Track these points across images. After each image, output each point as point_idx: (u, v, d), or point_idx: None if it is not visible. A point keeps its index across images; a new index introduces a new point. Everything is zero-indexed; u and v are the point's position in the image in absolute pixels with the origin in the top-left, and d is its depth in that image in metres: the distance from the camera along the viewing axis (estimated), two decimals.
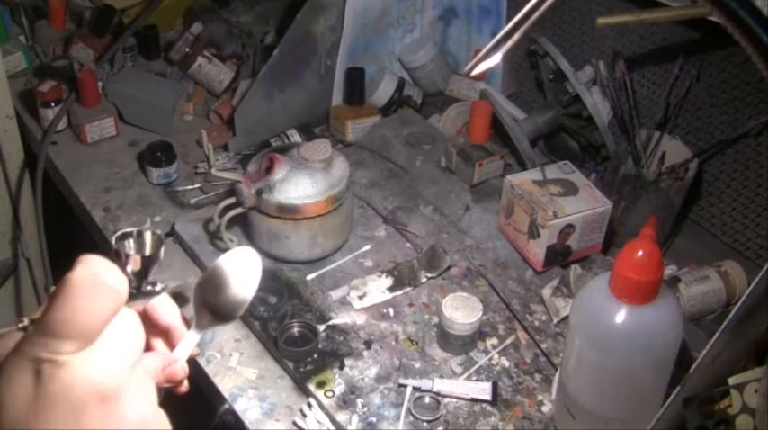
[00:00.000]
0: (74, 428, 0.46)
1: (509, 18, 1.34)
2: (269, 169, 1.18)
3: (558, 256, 1.22)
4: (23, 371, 0.46)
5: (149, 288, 0.57)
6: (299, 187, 1.17)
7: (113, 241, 0.57)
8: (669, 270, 1.24)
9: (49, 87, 1.52)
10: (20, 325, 0.50)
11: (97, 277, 0.48)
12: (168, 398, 0.56)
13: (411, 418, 1.03)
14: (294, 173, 1.18)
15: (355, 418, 1.02)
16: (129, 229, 0.58)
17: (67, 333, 0.46)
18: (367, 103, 1.58)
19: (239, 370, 1.11)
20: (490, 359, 1.12)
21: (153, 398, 0.51)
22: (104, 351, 0.48)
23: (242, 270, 0.60)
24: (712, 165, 1.34)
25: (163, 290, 0.58)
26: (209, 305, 0.59)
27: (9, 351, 0.48)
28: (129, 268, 0.56)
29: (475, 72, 0.89)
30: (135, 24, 1.64)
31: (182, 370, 0.56)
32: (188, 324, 0.59)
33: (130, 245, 0.57)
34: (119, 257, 0.56)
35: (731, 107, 1.28)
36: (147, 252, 0.57)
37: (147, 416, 0.50)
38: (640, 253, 0.83)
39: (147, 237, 0.58)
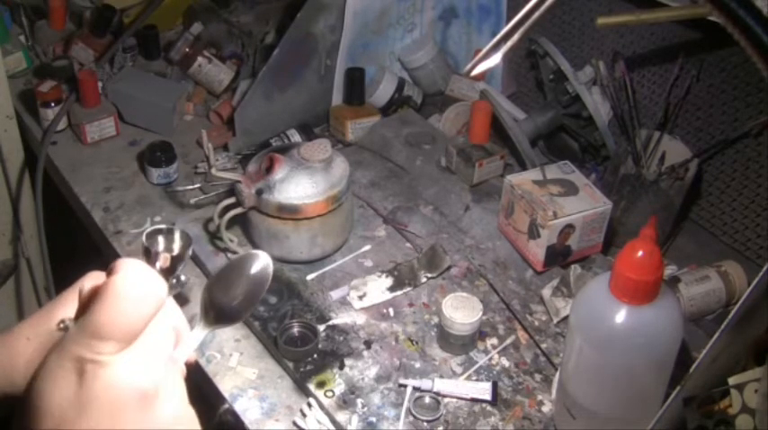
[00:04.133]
0: (114, 427, 0.48)
1: (509, 18, 1.34)
2: (269, 169, 1.18)
3: (558, 256, 1.22)
4: (67, 370, 0.48)
5: (174, 281, 0.58)
6: (299, 187, 1.17)
7: (144, 238, 0.58)
8: (669, 270, 1.24)
9: (49, 87, 1.52)
10: (61, 325, 0.52)
11: (140, 282, 0.50)
12: None
13: (411, 418, 1.03)
14: (294, 173, 1.18)
15: (355, 418, 1.02)
16: (160, 226, 0.59)
17: (111, 334, 0.48)
18: (367, 103, 1.58)
19: (239, 370, 1.11)
20: (490, 359, 1.12)
21: (185, 395, 0.52)
22: (143, 351, 0.50)
23: (254, 272, 0.60)
24: (712, 165, 1.34)
25: (186, 281, 0.59)
26: (217, 304, 0.60)
27: (50, 349, 0.50)
28: (158, 265, 0.57)
29: (475, 72, 0.89)
30: (135, 24, 1.64)
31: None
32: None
33: (160, 242, 0.58)
34: (148, 254, 0.57)
35: (731, 107, 1.28)
36: (176, 250, 0.58)
37: (180, 414, 0.51)
38: (640, 253, 0.83)
39: (177, 235, 0.59)
